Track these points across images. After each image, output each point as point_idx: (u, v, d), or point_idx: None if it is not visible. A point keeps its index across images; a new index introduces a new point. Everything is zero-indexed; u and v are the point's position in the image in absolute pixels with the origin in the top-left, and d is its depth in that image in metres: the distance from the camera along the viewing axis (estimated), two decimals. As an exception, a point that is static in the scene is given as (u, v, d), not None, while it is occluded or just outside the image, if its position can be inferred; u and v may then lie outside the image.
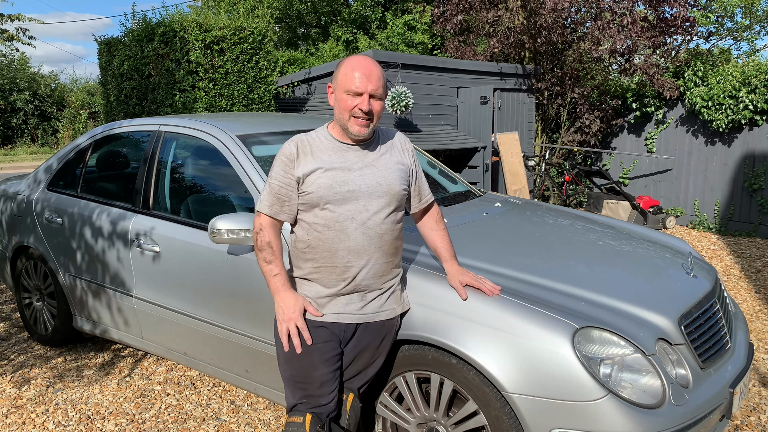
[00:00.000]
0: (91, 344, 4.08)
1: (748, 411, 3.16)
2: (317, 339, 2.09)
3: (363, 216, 2.04)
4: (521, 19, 8.52)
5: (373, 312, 2.14)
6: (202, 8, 15.60)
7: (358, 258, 2.06)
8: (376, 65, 2.01)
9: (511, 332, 2.06)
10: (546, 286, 2.30)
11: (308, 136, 2.10)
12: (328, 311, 2.11)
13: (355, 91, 1.97)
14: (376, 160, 2.10)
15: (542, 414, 1.98)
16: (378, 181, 2.06)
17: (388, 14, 13.16)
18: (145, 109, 7.24)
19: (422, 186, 2.28)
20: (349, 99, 1.98)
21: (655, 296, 2.34)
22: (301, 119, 3.75)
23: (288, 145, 2.08)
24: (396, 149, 2.19)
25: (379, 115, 2.04)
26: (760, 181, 7.35)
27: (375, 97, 2.00)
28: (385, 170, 2.09)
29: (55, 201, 3.78)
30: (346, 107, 1.99)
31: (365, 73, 1.97)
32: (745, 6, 11.11)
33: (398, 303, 2.21)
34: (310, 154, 2.06)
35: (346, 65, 2.00)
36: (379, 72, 2.00)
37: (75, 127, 19.82)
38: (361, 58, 2.00)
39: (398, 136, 2.24)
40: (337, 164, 2.05)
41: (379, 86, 1.99)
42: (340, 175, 2.03)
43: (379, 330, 2.17)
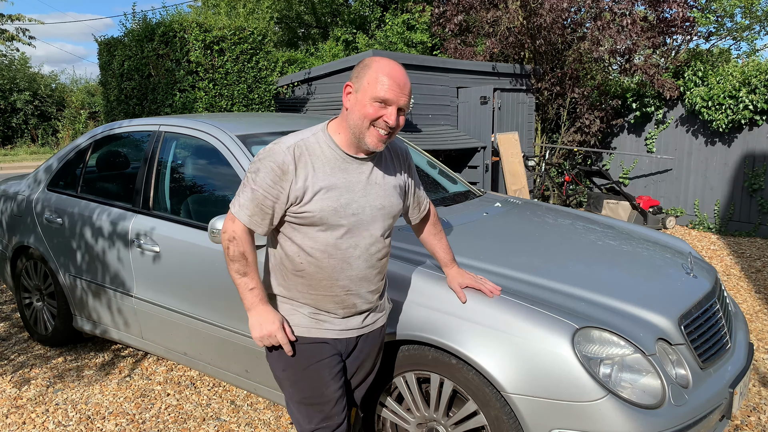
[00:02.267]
0: (91, 344, 4.08)
1: (748, 411, 3.16)
2: (321, 354, 1.93)
3: (366, 242, 1.88)
4: (521, 20, 8.52)
5: (372, 322, 2.05)
6: (202, 8, 15.60)
7: (359, 286, 1.92)
8: (407, 75, 1.81)
9: (511, 332, 2.06)
10: (546, 286, 2.30)
11: (307, 142, 1.82)
12: (328, 327, 1.95)
13: (385, 99, 1.73)
14: (380, 178, 1.90)
15: (542, 414, 1.98)
16: (382, 203, 1.88)
17: (388, 14, 13.16)
18: (145, 109, 7.24)
19: (420, 194, 2.14)
20: (375, 107, 1.74)
21: (655, 296, 2.34)
22: (301, 119, 3.75)
23: (282, 153, 1.78)
24: (397, 162, 2.00)
25: (399, 129, 1.84)
26: (760, 181, 7.35)
27: (402, 111, 1.78)
28: (388, 190, 1.91)
29: (55, 201, 3.78)
30: (368, 115, 1.74)
31: (400, 83, 1.74)
32: (745, 6, 11.11)
33: (384, 312, 2.13)
34: (311, 167, 1.79)
35: (377, 68, 1.74)
36: (409, 84, 1.80)
37: (75, 127, 19.82)
38: (395, 65, 1.77)
39: (401, 146, 2.05)
40: (342, 183, 1.82)
41: (408, 101, 1.78)
42: (345, 197, 1.81)
43: (376, 337, 2.11)
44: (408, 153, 2.08)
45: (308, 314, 1.93)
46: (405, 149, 2.07)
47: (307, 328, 1.93)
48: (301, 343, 1.93)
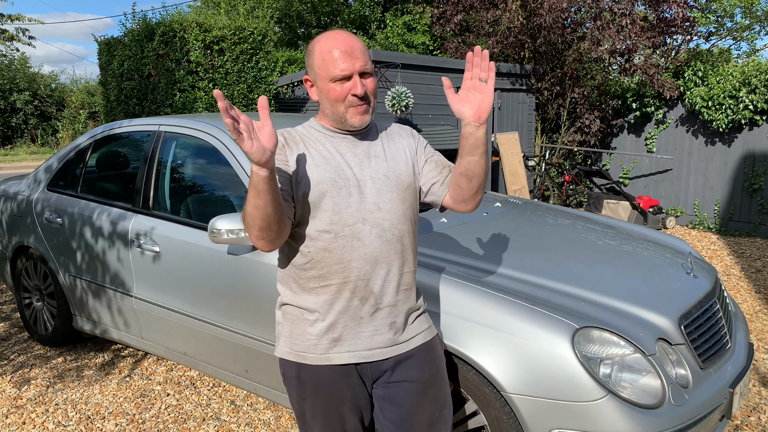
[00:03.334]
0: (91, 344, 4.08)
1: (748, 411, 3.16)
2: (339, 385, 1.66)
3: (376, 216, 1.64)
4: (521, 20, 8.52)
5: (406, 340, 1.70)
6: (201, 8, 15.60)
7: (374, 268, 1.64)
8: (354, 36, 1.65)
9: (511, 332, 2.06)
10: (546, 286, 2.30)
11: (294, 129, 1.72)
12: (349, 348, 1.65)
13: (341, 75, 1.59)
14: (378, 149, 1.72)
15: (542, 414, 1.98)
16: (385, 173, 1.68)
17: (388, 15, 13.16)
18: (145, 109, 7.24)
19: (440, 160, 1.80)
20: (337, 87, 1.60)
21: (655, 296, 2.34)
22: (301, 119, 3.75)
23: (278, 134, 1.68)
24: (396, 134, 1.80)
25: (375, 93, 1.67)
26: (760, 181, 7.35)
27: (366, 74, 1.62)
28: (391, 160, 1.71)
29: (55, 201, 3.78)
30: (336, 97, 1.61)
31: (346, 50, 1.58)
32: (745, 6, 11.10)
33: (428, 323, 1.80)
34: (301, 142, 1.67)
35: (320, 47, 1.61)
36: (360, 44, 1.62)
37: (75, 127, 19.82)
38: (334, 35, 1.62)
39: (394, 125, 1.86)
40: (335, 155, 1.66)
41: (366, 60, 1.61)
42: (342, 167, 1.65)
43: (424, 356, 1.72)
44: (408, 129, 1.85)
45: (323, 333, 1.65)
46: (404, 127, 1.86)
47: (325, 356, 1.65)
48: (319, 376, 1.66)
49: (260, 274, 2.66)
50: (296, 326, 1.68)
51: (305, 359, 1.66)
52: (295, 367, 1.69)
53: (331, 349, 1.65)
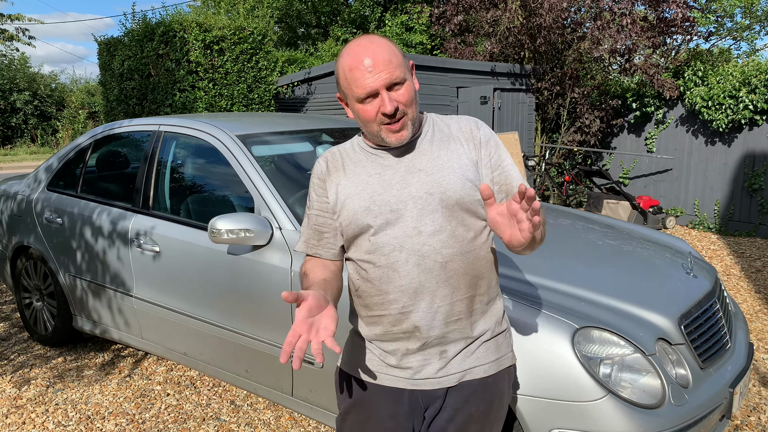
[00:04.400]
0: (91, 344, 4.08)
1: (748, 411, 3.16)
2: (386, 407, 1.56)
3: (414, 241, 1.48)
4: (521, 19, 8.52)
5: (460, 371, 1.55)
6: (201, 8, 15.60)
7: (414, 300, 1.50)
8: (377, 43, 1.45)
9: (511, 332, 2.06)
10: (546, 286, 2.30)
11: (341, 147, 1.63)
12: (398, 374, 1.56)
13: (365, 94, 1.43)
14: (426, 162, 1.53)
15: (542, 414, 1.98)
16: (428, 189, 1.49)
17: (387, 15, 13.16)
18: (145, 109, 7.24)
19: (505, 174, 1.55)
20: (366, 106, 1.45)
21: (655, 296, 2.34)
22: (301, 119, 3.75)
23: (318, 163, 1.61)
24: (455, 138, 1.57)
25: (413, 101, 1.47)
26: (760, 181, 7.35)
27: (396, 84, 1.44)
28: (437, 172, 1.51)
29: (55, 201, 3.78)
30: (367, 118, 1.46)
31: (368, 65, 1.42)
32: (745, 6, 11.10)
33: (497, 353, 1.60)
34: (341, 168, 1.57)
35: (341, 66, 1.47)
36: (383, 51, 1.43)
37: (75, 127, 19.83)
38: (354, 47, 1.45)
39: (460, 121, 1.60)
40: (374, 178, 1.53)
41: (392, 69, 1.42)
42: (378, 192, 1.51)
43: (479, 392, 1.57)
44: (480, 127, 1.60)
45: (378, 355, 1.58)
46: (475, 123, 1.60)
47: (376, 373, 1.58)
48: (365, 389, 1.59)
49: (260, 274, 2.66)
50: (356, 340, 1.64)
51: (356, 372, 1.61)
52: (345, 377, 1.64)
53: (382, 369, 1.57)
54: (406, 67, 1.47)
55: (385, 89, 1.43)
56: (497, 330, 1.60)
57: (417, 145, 1.55)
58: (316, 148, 3.51)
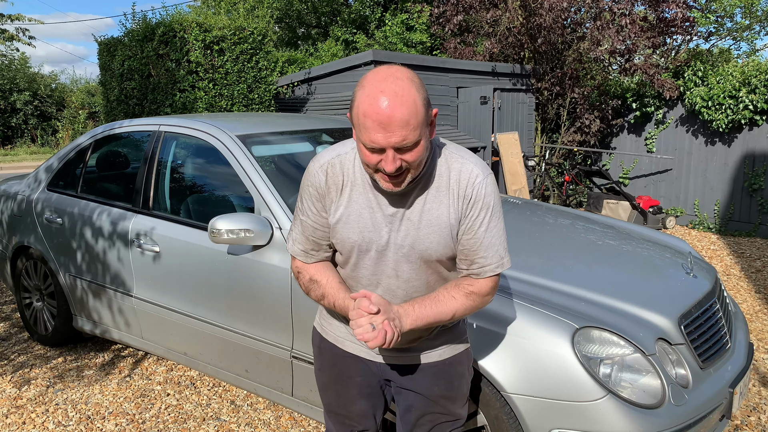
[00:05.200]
0: (91, 344, 4.08)
1: (748, 411, 3.16)
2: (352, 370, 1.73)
3: (391, 282, 1.58)
4: (521, 20, 8.52)
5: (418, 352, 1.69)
6: (201, 8, 15.60)
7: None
8: (403, 95, 1.33)
9: (511, 332, 2.06)
10: (546, 286, 2.30)
11: (343, 158, 1.56)
12: (359, 343, 1.72)
13: (371, 146, 1.37)
14: (415, 213, 1.52)
15: (542, 414, 1.98)
16: (411, 243, 1.53)
17: (387, 15, 13.17)
18: (145, 109, 7.25)
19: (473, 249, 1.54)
20: (369, 153, 1.40)
21: (655, 296, 2.34)
22: (301, 119, 3.75)
23: (317, 174, 1.56)
24: (448, 192, 1.52)
25: (421, 161, 1.42)
26: (760, 181, 7.35)
27: (405, 148, 1.37)
28: (424, 228, 1.52)
29: (56, 201, 3.78)
30: (368, 163, 1.41)
31: (382, 122, 1.32)
32: (745, 6, 11.11)
33: (453, 338, 1.73)
34: (340, 189, 1.55)
35: (359, 102, 1.36)
36: (406, 110, 1.32)
37: (75, 127, 19.83)
38: (378, 92, 1.33)
39: (461, 173, 1.52)
40: (367, 212, 1.53)
41: (407, 132, 1.34)
42: (369, 229, 1.53)
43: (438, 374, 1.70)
44: (472, 186, 1.51)
45: (344, 327, 1.72)
46: (472, 178, 1.51)
47: (342, 339, 1.73)
48: (335, 353, 1.74)
49: (260, 274, 2.67)
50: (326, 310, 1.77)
51: (326, 334, 1.76)
52: (318, 337, 1.79)
53: (347, 337, 1.72)
54: (424, 124, 1.37)
55: (392, 149, 1.36)
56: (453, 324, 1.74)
57: (416, 190, 1.52)
58: (316, 148, 3.51)
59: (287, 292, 2.58)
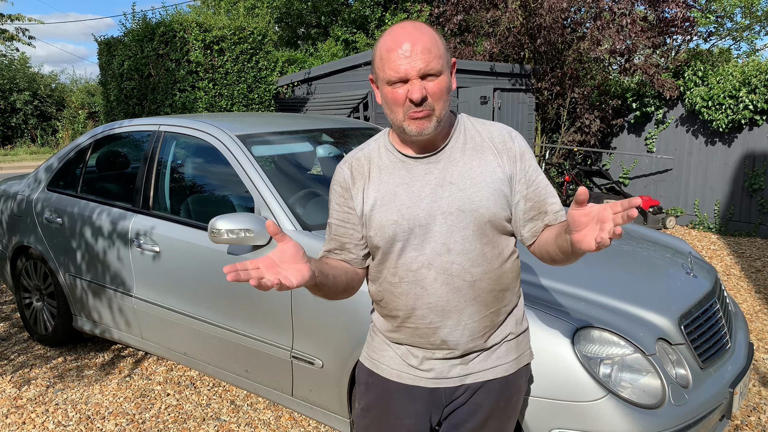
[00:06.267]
0: (91, 344, 4.08)
1: (748, 411, 3.16)
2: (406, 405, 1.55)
3: (443, 260, 1.44)
4: (520, 20, 8.52)
5: (482, 370, 1.55)
6: (201, 8, 15.60)
7: (442, 318, 1.47)
8: (423, 30, 1.38)
9: (511, 332, 2.06)
10: (546, 286, 2.30)
11: (365, 150, 1.54)
12: (422, 374, 1.54)
13: (396, 77, 1.37)
14: (456, 173, 1.46)
15: (542, 414, 1.98)
16: (460, 205, 1.43)
17: (387, 14, 13.17)
18: (145, 109, 7.25)
19: (540, 195, 1.49)
20: (396, 90, 1.38)
21: (655, 296, 2.34)
22: (301, 119, 3.75)
23: (341, 169, 1.54)
24: (488, 148, 1.49)
25: (444, 97, 1.40)
26: (760, 181, 7.35)
27: (430, 75, 1.37)
28: (470, 187, 1.44)
29: (55, 201, 3.78)
30: (395, 101, 1.39)
31: (404, 48, 1.35)
32: (745, 6, 11.11)
33: (518, 351, 1.60)
34: (367, 176, 1.51)
35: (380, 44, 1.40)
36: (427, 39, 1.36)
37: (74, 127, 19.83)
38: (397, 28, 1.39)
39: (493, 130, 1.52)
40: (402, 188, 1.46)
41: (431, 59, 1.35)
42: (407, 205, 1.45)
43: (500, 390, 1.57)
44: (514, 139, 1.51)
45: (400, 354, 1.56)
46: (510, 134, 1.52)
47: (397, 372, 1.55)
48: (386, 389, 1.57)
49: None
50: (377, 337, 1.61)
51: (377, 368, 1.58)
52: (366, 373, 1.61)
53: (404, 369, 1.55)
54: (445, 62, 1.39)
55: (417, 77, 1.36)
56: (518, 330, 1.59)
57: (448, 153, 1.47)
58: (316, 148, 3.51)
59: (287, 292, 2.58)
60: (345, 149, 3.64)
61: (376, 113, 7.17)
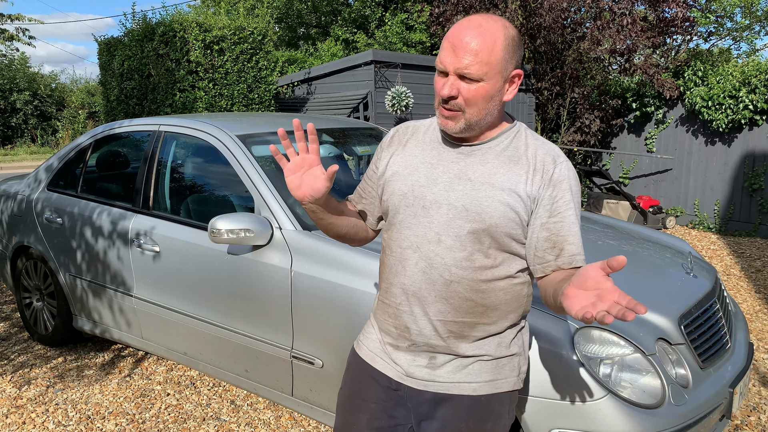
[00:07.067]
0: (92, 344, 4.08)
1: (748, 411, 3.16)
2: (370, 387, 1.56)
3: (431, 248, 1.42)
4: (520, 20, 8.52)
5: (449, 381, 1.49)
6: (201, 8, 15.60)
7: (411, 303, 1.47)
8: (489, 29, 1.33)
9: (511, 332, 2.06)
10: (546, 286, 2.30)
11: (419, 122, 1.59)
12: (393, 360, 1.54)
13: (439, 67, 1.36)
14: (476, 172, 1.42)
15: (542, 414, 1.98)
16: (466, 203, 1.40)
17: (387, 14, 13.18)
18: (145, 109, 7.25)
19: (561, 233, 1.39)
20: (438, 78, 1.39)
21: (655, 296, 2.34)
22: (302, 119, 3.75)
23: (389, 132, 1.61)
24: (523, 162, 1.42)
25: (480, 104, 1.36)
26: (760, 181, 7.35)
27: (467, 78, 1.33)
28: (484, 190, 1.40)
29: (56, 201, 3.78)
30: (436, 88, 1.40)
31: (455, 43, 1.33)
32: (745, 6, 11.11)
33: (495, 374, 1.50)
34: (403, 144, 1.54)
35: (448, 31, 1.39)
36: (484, 42, 1.31)
37: (74, 127, 19.84)
38: (467, 21, 1.35)
39: (538, 149, 1.44)
40: (424, 167, 1.47)
41: (475, 63, 1.31)
42: (421, 183, 1.45)
43: (470, 409, 1.49)
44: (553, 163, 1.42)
45: (379, 339, 1.58)
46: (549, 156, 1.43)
47: (372, 355, 1.58)
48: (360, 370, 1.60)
49: (260, 274, 2.67)
50: (370, 320, 1.67)
51: (359, 348, 1.64)
52: (351, 353, 1.67)
53: (379, 353, 1.57)
54: (496, 68, 1.33)
55: (454, 74, 1.34)
56: (499, 354, 1.50)
57: (484, 151, 1.44)
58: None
59: (287, 292, 2.58)
60: (345, 149, 3.64)
61: (376, 113, 7.17)
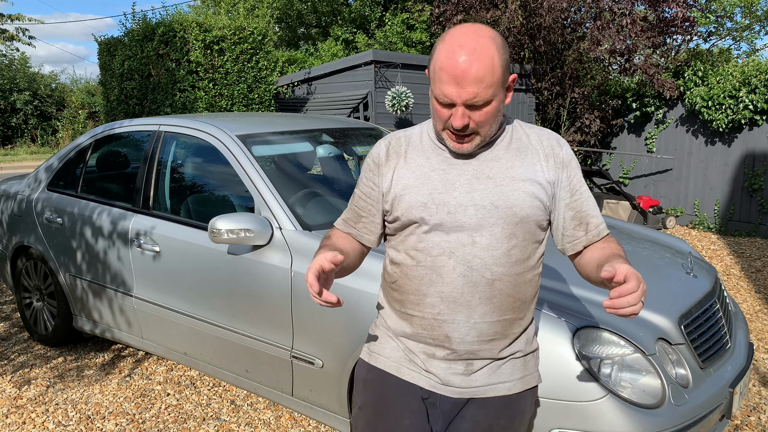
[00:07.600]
0: (92, 344, 4.08)
1: (748, 411, 3.16)
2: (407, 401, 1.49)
3: (467, 251, 1.40)
4: (520, 20, 8.52)
5: (485, 385, 1.49)
6: (201, 8, 15.60)
7: (452, 311, 1.43)
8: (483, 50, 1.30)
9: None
10: (546, 286, 2.30)
11: (408, 132, 1.53)
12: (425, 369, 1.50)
13: (444, 101, 1.34)
14: (496, 170, 1.42)
15: (542, 414, 1.98)
16: (493, 200, 1.40)
17: (387, 14, 13.18)
18: (145, 109, 7.25)
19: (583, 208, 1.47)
20: (442, 108, 1.36)
21: (655, 296, 2.34)
22: (301, 119, 3.75)
23: (378, 145, 1.54)
24: (533, 151, 1.46)
25: (491, 121, 1.37)
26: (760, 181, 7.35)
27: (475, 106, 1.33)
28: (507, 184, 1.41)
29: (56, 201, 3.78)
30: (438, 114, 1.38)
31: (456, 74, 1.29)
32: (745, 6, 11.11)
33: (524, 371, 1.54)
34: (403, 155, 1.48)
35: (438, 54, 1.33)
36: (482, 66, 1.29)
37: (74, 127, 19.84)
38: (458, 46, 1.30)
39: (541, 134, 1.49)
40: (437, 173, 1.43)
41: (481, 89, 1.30)
42: (439, 190, 1.42)
43: (501, 408, 1.50)
44: (562, 148, 1.48)
45: (402, 348, 1.52)
46: (559, 142, 1.49)
47: (396, 365, 1.52)
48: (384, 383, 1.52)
49: (260, 274, 2.67)
50: (379, 330, 1.59)
51: (376, 361, 1.54)
52: (364, 369, 1.56)
53: (404, 362, 1.51)
54: (499, 85, 1.33)
55: (462, 105, 1.33)
56: (527, 350, 1.54)
57: (491, 149, 1.44)
58: (316, 148, 3.51)
59: (287, 292, 2.58)
60: (345, 149, 3.64)
61: (376, 113, 7.17)
